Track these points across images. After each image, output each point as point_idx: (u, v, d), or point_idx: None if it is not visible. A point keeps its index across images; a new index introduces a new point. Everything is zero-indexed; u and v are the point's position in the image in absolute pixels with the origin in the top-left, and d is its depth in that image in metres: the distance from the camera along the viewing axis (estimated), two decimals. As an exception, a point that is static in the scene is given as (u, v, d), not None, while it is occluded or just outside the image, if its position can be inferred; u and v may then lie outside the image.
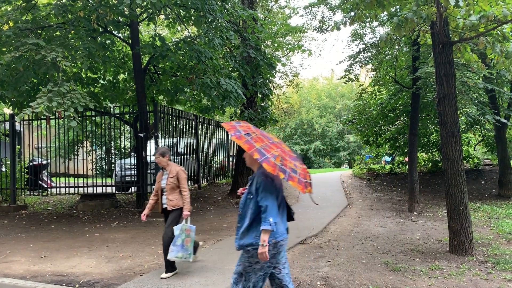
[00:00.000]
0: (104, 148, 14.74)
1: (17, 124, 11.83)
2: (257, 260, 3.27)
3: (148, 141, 10.55)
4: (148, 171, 10.70)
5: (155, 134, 10.09)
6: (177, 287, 4.84)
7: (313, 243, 7.01)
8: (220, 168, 15.63)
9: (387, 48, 12.13)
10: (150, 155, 10.78)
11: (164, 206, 5.45)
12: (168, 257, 5.06)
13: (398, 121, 15.68)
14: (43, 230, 8.59)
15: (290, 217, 3.67)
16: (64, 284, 5.20)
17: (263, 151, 3.17)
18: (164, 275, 5.22)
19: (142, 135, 10.21)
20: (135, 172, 11.99)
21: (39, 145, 12.77)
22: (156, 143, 10.05)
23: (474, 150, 19.16)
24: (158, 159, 5.46)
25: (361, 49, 13.34)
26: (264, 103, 11.51)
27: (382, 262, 5.65)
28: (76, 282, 5.24)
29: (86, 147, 12.88)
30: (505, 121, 12.30)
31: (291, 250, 6.56)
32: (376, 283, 4.78)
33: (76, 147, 13.03)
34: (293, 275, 5.14)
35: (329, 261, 5.78)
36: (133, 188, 12.51)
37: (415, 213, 10.26)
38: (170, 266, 5.26)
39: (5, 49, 8.56)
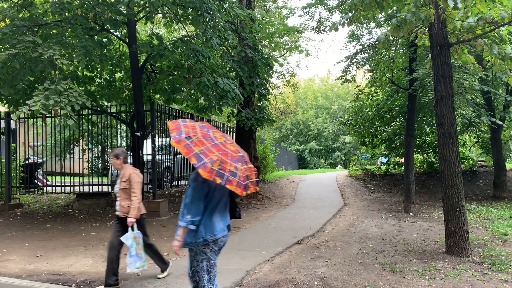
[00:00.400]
0: (99, 147, 14.69)
1: (12, 122, 11.76)
2: (203, 258, 3.42)
3: (145, 140, 10.51)
4: (145, 170, 10.66)
5: (152, 133, 10.06)
6: (174, 286, 4.83)
7: (310, 243, 7.02)
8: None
9: (384, 49, 12.17)
10: (147, 154, 10.75)
11: (117, 213, 5.01)
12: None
13: (394, 122, 15.74)
14: (39, 229, 8.54)
15: (234, 214, 3.76)
16: (60, 283, 5.17)
17: (201, 155, 3.21)
18: (160, 275, 5.19)
19: (138, 134, 10.18)
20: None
21: (34, 144, 12.69)
22: (153, 142, 10.02)
23: (469, 152, 19.26)
24: (112, 161, 5.08)
25: (359, 50, 13.38)
26: (261, 103, 11.50)
27: (379, 263, 5.67)
28: (72, 281, 5.22)
29: (82, 146, 12.80)
30: (500, 123, 12.39)
31: (288, 250, 6.57)
32: (374, 283, 4.80)
33: (72, 145, 12.97)
34: (291, 275, 5.15)
35: (326, 261, 5.78)
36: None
37: (411, 214, 10.31)
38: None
39: (1, 46, 8.50)
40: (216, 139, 3.43)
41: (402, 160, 17.09)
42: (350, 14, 6.50)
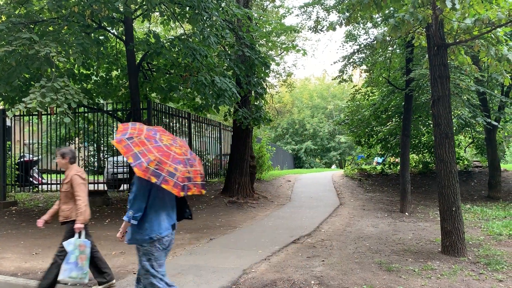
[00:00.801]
0: (95, 145, 14.64)
1: (7, 119, 11.69)
2: (149, 257, 3.54)
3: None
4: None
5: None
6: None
7: (307, 243, 7.03)
8: (212, 166, 15.61)
9: (380, 50, 12.20)
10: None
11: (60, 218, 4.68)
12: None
13: (390, 122, 15.79)
14: (34, 227, 8.49)
15: (183, 215, 3.92)
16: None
17: (139, 155, 3.35)
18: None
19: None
20: (127, 169, 11.93)
21: (30, 141, 12.63)
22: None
23: (464, 152, 19.35)
24: (57, 159, 4.78)
25: (355, 50, 13.41)
26: (258, 102, 11.50)
27: (375, 262, 5.69)
28: (68, 279, 5.19)
29: (78, 144, 12.76)
30: (495, 123, 12.45)
31: (284, 249, 6.58)
32: (370, 282, 4.81)
33: (67, 143, 12.91)
34: (287, 274, 5.16)
35: (323, 261, 5.80)
36: (125, 185, 12.42)
37: (406, 213, 10.35)
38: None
39: (-3, 43, 8.45)
40: (161, 141, 3.57)
41: (397, 160, 17.18)
42: (347, 14, 6.51)
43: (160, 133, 3.70)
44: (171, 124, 12.79)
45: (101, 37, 10.48)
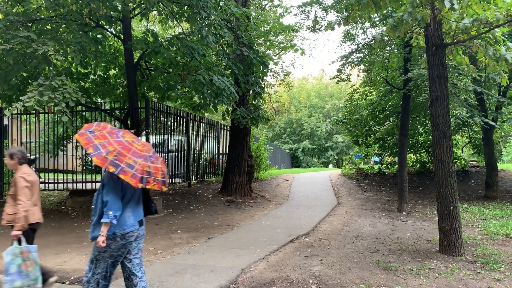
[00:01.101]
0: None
1: (4, 118, 11.65)
2: (105, 249, 3.59)
3: (139, 137, 10.47)
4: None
5: (146, 130, 10.03)
6: (170, 284, 4.82)
7: (305, 242, 7.04)
8: (210, 165, 15.60)
9: (378, 49, 12.22)
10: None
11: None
12: None
13: (388, 122, 15.82)
14: (31, 226, 8.46)
15: (150, 210, 4.00)
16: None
17: (99, 146, 3.47)
18: None
19: (133, 131, 10.12)
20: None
21: (27, 140, 12.60)
22: (147, 139, 9.98)
23: (462, 152, 19.41)
24: (6, 161, 4.60)
25: (353, 50, 13.42)
26: (256, 101, 11.50)
27: (373, 261, 5.70)
28: (66, 278, 5.19)
29: (76, 142, 12.72)
30: (493, 123, 12.49)
31: (282, 248, 6.58)
32: (368, 281, 4.82)
33: (65, 142, 12.88)
34: (286, 273, 5.16)
35: (321, 260, 5.80)
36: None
37: (404, 213, 10.37)
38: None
39: (-5, 41, 8.42)
40: (123, 137, 3.69)
41: (395, 159, 17.22)
42: (346, 14, 6.51)
43: (124, 132, 3.82)
44: (169, 123, 12.77)
45: (99, 36, 10.45)
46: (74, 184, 11.41)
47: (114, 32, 10.84)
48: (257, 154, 16.00)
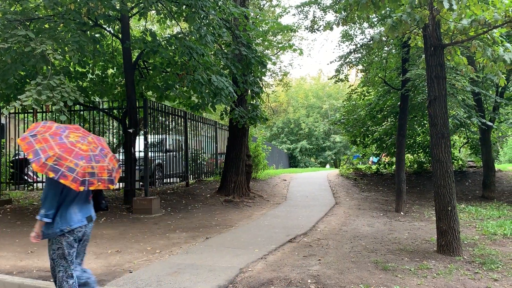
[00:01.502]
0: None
1: (1, 117, 11.61)
2: (58, 247, 3.72)
3: (137, 137, 10.47)
4: (137, 168, 10.62)
5: (145, 130, 10.02)
6: (168, 283, 4.82)
7: (303, 242, 7.05)
8: (208, 165, 15.60)
9: (377, 50, 12.24)
10: (139, 151, 10.69)
11: None
12: None
13: (386, 122, 15.86)
14: (29, 225, 8.45)
15: (100, 207, 4.14)
16: (51, 280, 5.12)
17: (39, 151, 3.49)
18: None
19: (131, 130, 10.12)
20: (123, 168, 11.88)
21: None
22: (146, 139, 9.98)
23: (459, 152, 19.46)
24: None
25: (352, 50, 13.45)
26: (254, 101, 11.50)
27: (371, 261, 5.71)
28: (64, 278, 5.17)
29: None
30: (490, 124, 12.54)
31: (280, 248, 6.59)
32: (366, 281, 4.83)
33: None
34: (284, 273, 5.17)
35: (319, 260, 5.81)
36: (121, 184, 12.37)
37: (402, 213, 10.39)
38: None
39: (-8, 40, 8.39)
40: (67, 138, 3.71)
41: (393, 159, 17.24)
42: (344, 14, 6.53)
43: (70, 130, 3.85)
44: (167, 122, 12.75)
45: (97, 35, 10.44)
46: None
47: (112, 31, 10.83)
48: (255, 154, 16.01)
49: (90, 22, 9.46)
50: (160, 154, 12.59)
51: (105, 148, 3.94)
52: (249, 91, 11.37)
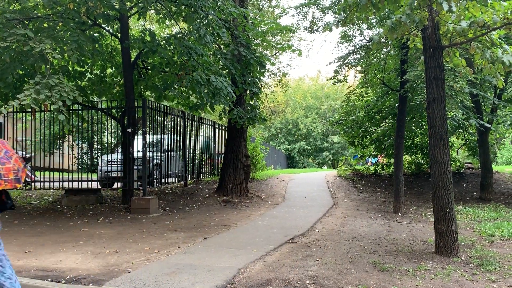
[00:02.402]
0: (88, 143, 14.57)
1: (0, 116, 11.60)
2: None
3: (136, 137, 10.46)
4: (135, 167, 10.61)
5: (143, 129, 10.01)
6: (167, 283, 4.81)
7: (301, 242, 7.05)
8: (206, 165, 15.59)
9: (375, 51, 12.25)
10: (137, 151, 10.69)
11: None
12: None
13: (384, 123, 15.88)
14: (27, 224, 8.44)
15: (5, 206, 4.12)
16: (50, 279, 5.11)
17: None
18: None
19: (129, 130, 10.11)
20: (121, 167, 11.88)
21: (22, 138, 12.54)
22: (144, 139, 9.97)
23: (457, 154, 19.50)
24: None
25: (350, 51, 13.47)
26: (253, 101, 11.51)
27: (369, 262, 5.72)
28: (62, 277, 5.16)
29: (72, 141, 12.68)
30: (488, 125, 12.56)
31: (279, 248, 6.59)
32: (365, 282, 4.84)
33: (60, 141, 12.83)
34: (282, 273, 5.17)
35: (317, 260, 5.81)
36: (119, 183, 12.37)
37: (400, 214, 10.41)
38: None
39: (-9, 39, 8.38)
40: None
41: (387, 160, 17.29)
42: (343, 15, 6.53)
43: None
44: (165, 122, 12.75)
45: (96, 34, 10.44)
46: (70, 183, 11.37)
47: (111, 30, 10.81)
48: (254, 154, 16.01)
49: (89, 21, 9.45)
50: (159, 154, 12.58)
51: (9, 150, 4.07)
52: (248, 92, 11.37)
